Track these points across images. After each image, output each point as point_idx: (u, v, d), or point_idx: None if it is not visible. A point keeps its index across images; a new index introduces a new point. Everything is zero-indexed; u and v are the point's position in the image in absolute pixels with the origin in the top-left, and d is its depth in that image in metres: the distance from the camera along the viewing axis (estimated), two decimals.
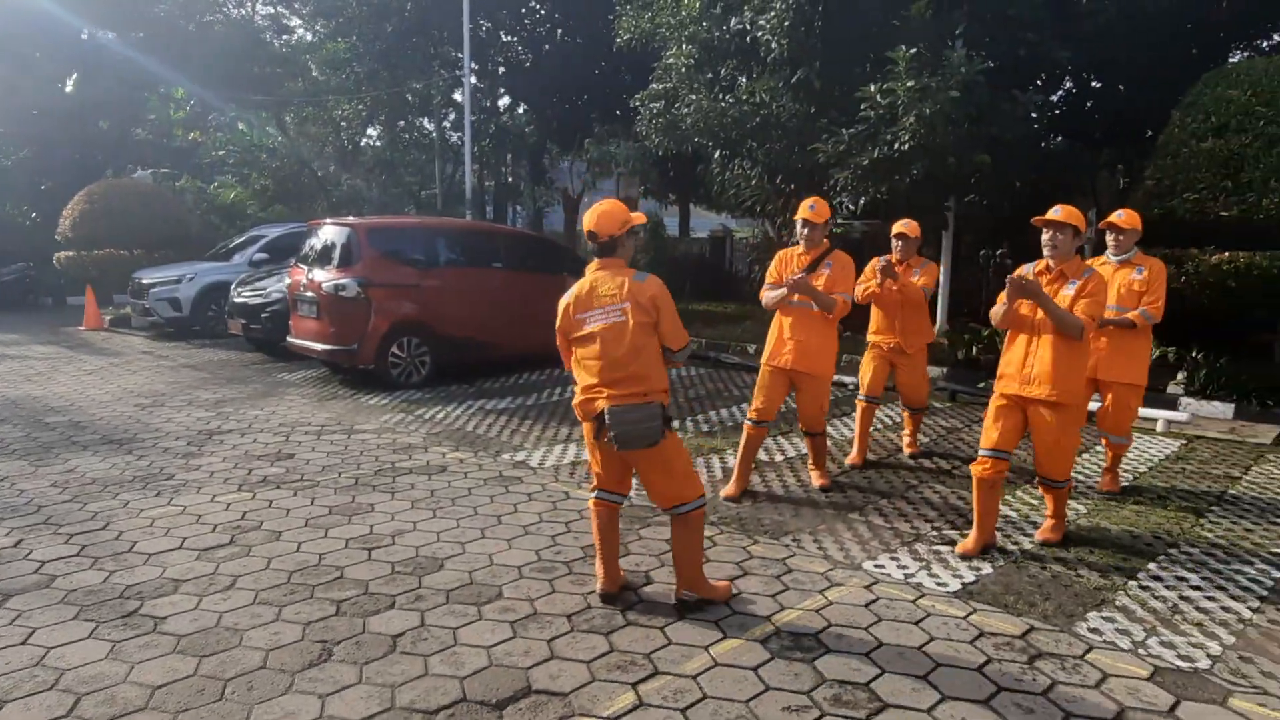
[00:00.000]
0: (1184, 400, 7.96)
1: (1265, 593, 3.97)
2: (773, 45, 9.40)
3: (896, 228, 5.91)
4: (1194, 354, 8.44)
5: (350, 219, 9.69)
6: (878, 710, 2.96)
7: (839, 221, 10.52)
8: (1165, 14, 9.33)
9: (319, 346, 8.88)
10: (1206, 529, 4.83)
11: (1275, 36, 11.80)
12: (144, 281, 12.88)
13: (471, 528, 4.77)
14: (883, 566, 4.25)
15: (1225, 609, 3.79)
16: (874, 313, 6.05)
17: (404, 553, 4.39)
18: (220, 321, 12.28)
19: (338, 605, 3.76)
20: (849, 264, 5.24)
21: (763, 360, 5.38)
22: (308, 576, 4.08)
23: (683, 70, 10.55)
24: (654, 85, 11.19)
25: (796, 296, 5.09)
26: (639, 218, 3.74)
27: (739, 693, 3.06)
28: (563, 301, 3.73)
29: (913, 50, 8.25)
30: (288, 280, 9.65)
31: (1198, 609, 3.79)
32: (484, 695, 3.05)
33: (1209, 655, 3.37)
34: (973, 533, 4.48)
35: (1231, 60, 11.57)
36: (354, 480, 5.66)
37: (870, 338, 6.10)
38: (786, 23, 9.15)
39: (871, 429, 6.37)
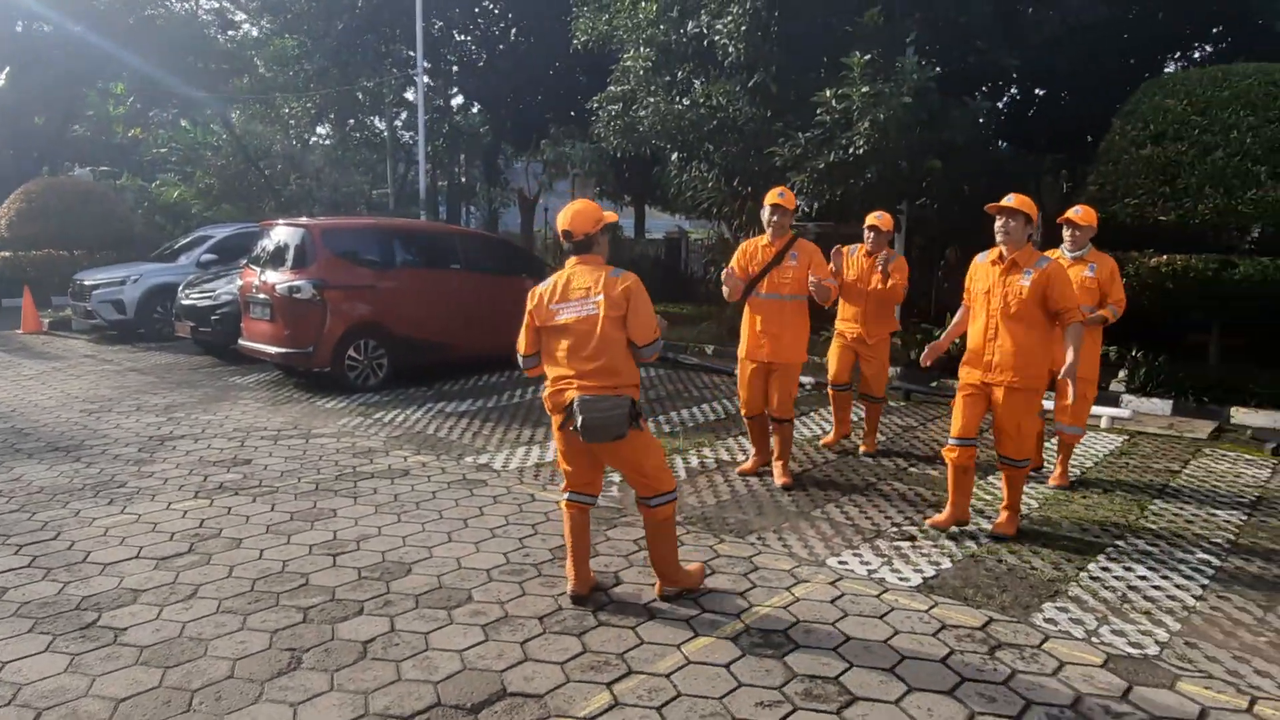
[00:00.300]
0: (1125, 397, 8.26)
1: (1207, 580, 4.16)
2: (730, 49, 9.50)
3: (870, 219, 6.06)
4: (1134, 353, 8.76)
5: (305, 219, 9.54)
6: (848, 703, 3.03)
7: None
8: (1105, 25, 9.66)
9: (273, 349, 8.72)
10: (1151, 520, 5.04)
11: (1205, 48, 12.28)
12: (86, 283, 12.47)
13: (437, 532, 4.74)
14: (846, 563, 4.34)
15: (1171, 597, 3.96)
16: (841, 303, 6.21)
17: (370, 558, 4.35)
18: (167, 324, 11.95)
19: (304, 612, 3.72)
20: (817, 250, 5.40)
21: (740, 357, 5.55)
22: (272, 584, 4.02)
23: (640, 72, 10.60)
24: (612, 87, 11.22)
25: (764, 287, 5.27)
26: (611, 215, 3.80)
27: (713, 690, 3.11)
28: (537, 289, 3.75)
29: (867, 57, 8.42)
30: (239, 282, 9.45)
31: (1145, 598, 3.96)
32: (459, 699, 3.05)
33: (1157, 642, 3.52)
34: (947, 508, 4.79)
35: (1166, 70, 12.04)
36: (314, 485, 5.58)
37: (837, 325, 6.28)
38: (743, 27, 9.25)
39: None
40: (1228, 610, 3.83)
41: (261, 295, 8.77)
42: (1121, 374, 8.66)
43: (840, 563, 4.35)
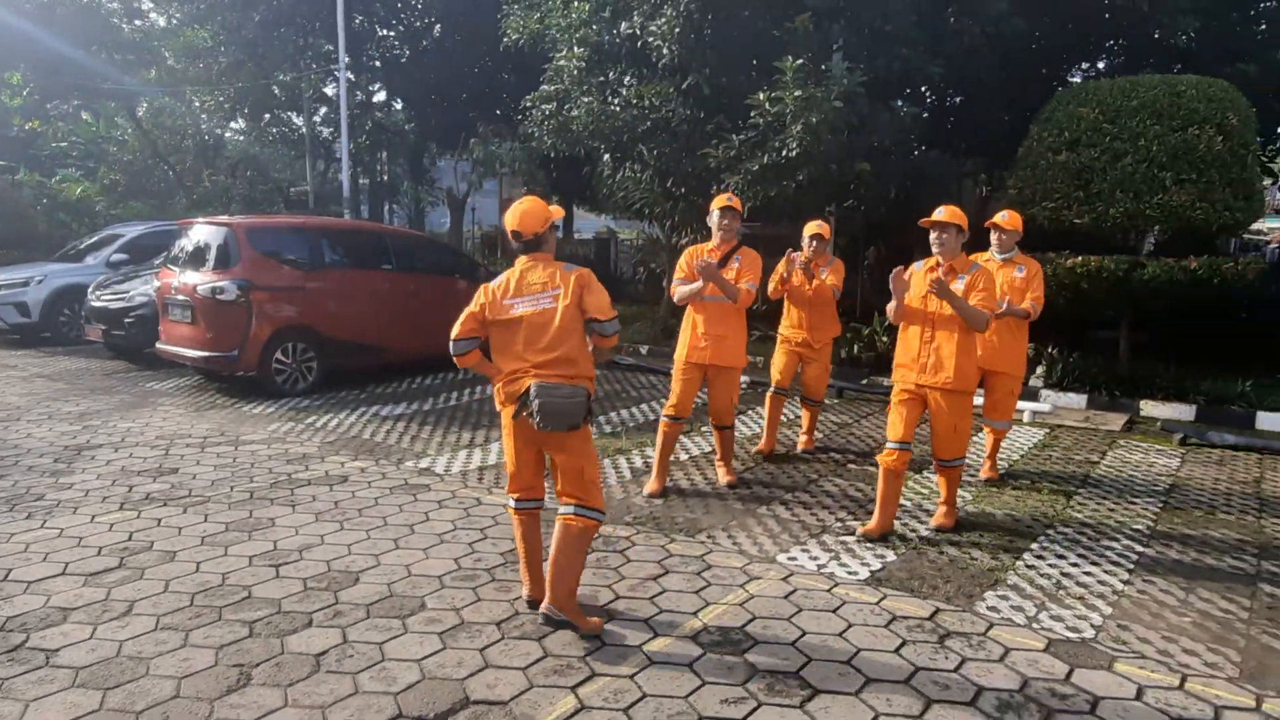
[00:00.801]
0: (1044, 392, 8.65)
1: (1133, 566, 4.39)
2: (664, 51, 9.56)
3: (811, 229, 6.14)
4: (1051, 349, 9.18)
5: (228, 218, 9.18)
6: (810, 696, 3.10)
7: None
8: (1019, 36, 10.08)
9: (194, 353, 8.36)
10: (1076, 510, 5.29)
11: (1107, 60, 12.94)
12: None
13: (383, 539, 4.64)
14: (796, 559, 4.43)
15: (1101, 583, 4.17)
16: (786, 307, 6.30)
17: (314, 568, 4.23)
18: (75, 327, 11.35)
19: (250, 626, 3.59)
20: (756, 258, 5.46)
21: (677, 357, 5.52)
22: (212, 598, 3.86)
23: (574, 72, 10.56)
24: (545, 86, 11.14)
25: (709, 290, 5.26)
26: (558, 212, 3.80)
27: (677, 689, 3.13)
28: (489, 286, 3.69)
29: (799, 61, 8.58)
30: (156, 283, 9.04)
31: (1078, 584, 4.15)
32: (421, 710, 2.99)
33: (1092, 625, 3.70)
34: (876, 516, 4.76)
35: (1074, 80, 12.64)
36: (249, 494, 5.38)
37: (781, 331, 6.36)
38: (677, 29, 9.32)
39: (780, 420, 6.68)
40: (1153, 594, 4.06)
41: (181, 297, 8.40)
42: (1040, 370, 9.06)
43: (790, 559, 4.42)
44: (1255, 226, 12.83)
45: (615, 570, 4.19)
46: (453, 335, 3.74)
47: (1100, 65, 12.97)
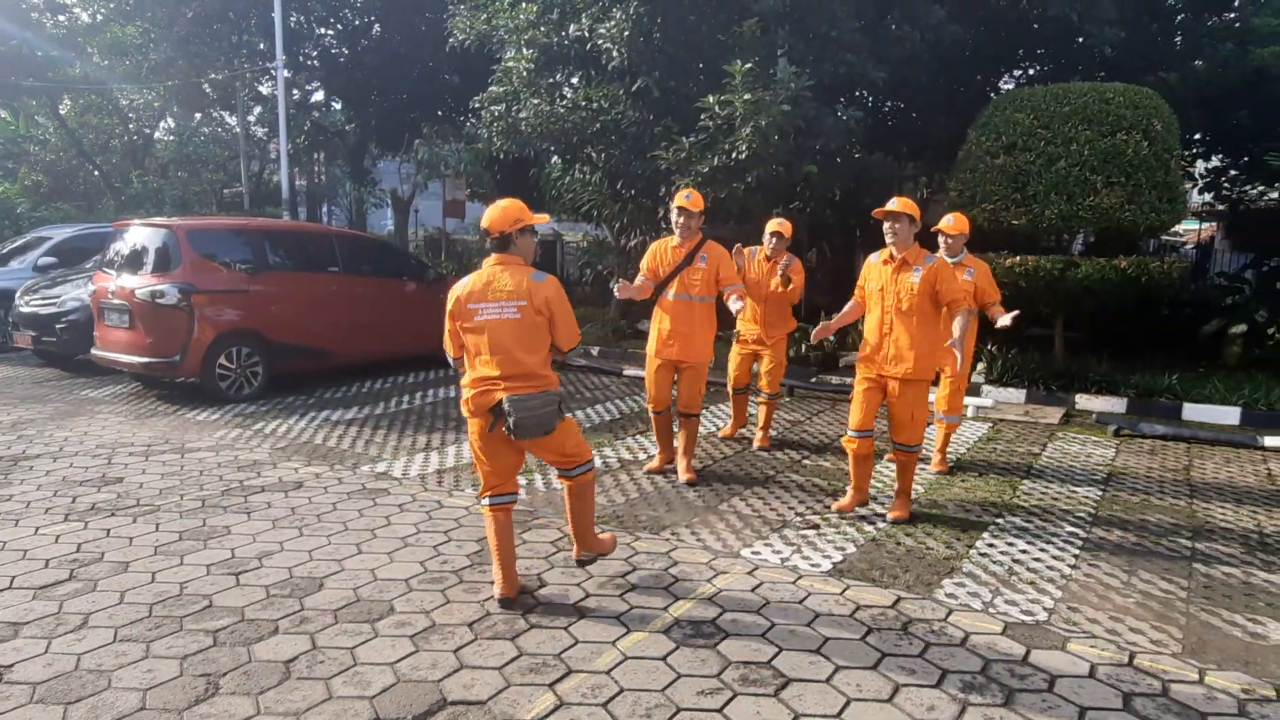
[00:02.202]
0: (986, 388, 8.94)
1: (1078, 550, 4.59)
2: (613, 53, 9.60)
3: (773, 225, 6.27)
4: (991, 347, 9.49)
5: (167, 219, 8.92)
6: (783, 685, 3.17)
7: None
8: (956, 43, 10.40)
9: (133, 359, 8.09)
10: (1023, 499, 5.50)
11: (1037, 67, 13.42)
12: None
13: (345, 544, 4.57)
14: (759, 553, 4.51)
15: (1050, 567, 4.35)
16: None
17: (276, 575, 4.15)
18: (2, 334, 10.87)
19: (213, 635, 3.51)
20: (725, 253, 5.56)
21: (648, 353, 5.65)
22: (171, 608, 3.77)
23: (523, 74, 10.53)
24: (493, 88, 11.08)
25: (674, 289, 5.39)
26: (542, 218, 3.84)
27: (654, 683, 3.17)
28: (456, 289, 3.76)
29: (747, 65, 8.72)
30: (91, 287, 8.72)
31: (1029, 569, 4.33)
32: (398, 712, 2.97)
33: (1045, 609, 3.86)
34: (850, 492, 5.12)
35: (1006, 86, 13.09)
36: (200, 502, 5.24)
37: (737, 327, 6.46)
38: (626, 32, 9.37)
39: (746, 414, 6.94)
40: (1099, 576, 4.25)
41: (118, 301, 8.13)
42: (980, 366, 9.36)
43: (754, 553, 4.51)
44: (1175, 228, 13.50)
45: (584, 569, 4.21)
46: (449, 353, 3.88)
47: (1031, 72, 13.45)
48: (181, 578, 4.09)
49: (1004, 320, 5.53)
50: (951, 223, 5.83)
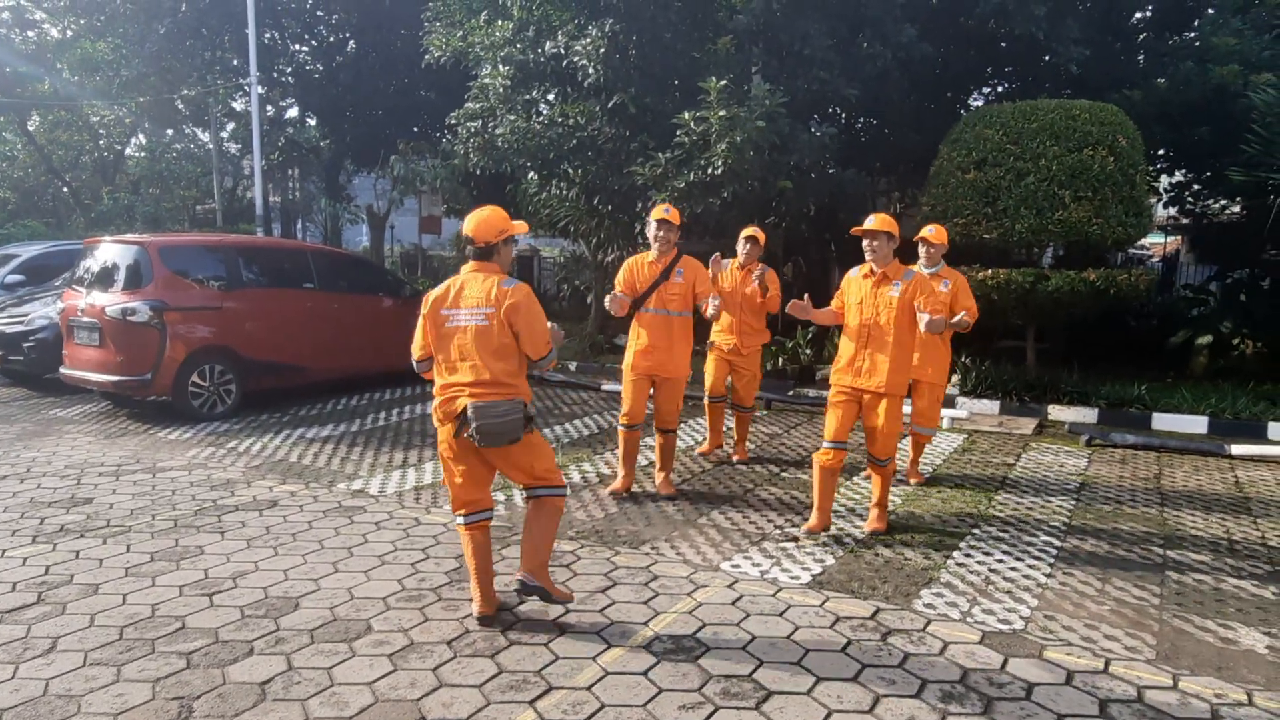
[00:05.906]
0: (960, 399, 9.03)
1: (1053, 560, 4.64)
2: (590, 70, 9.65)
3: (749, 232, 6.31)
4: (964, 359, 9.60)
5: (138, 236, 8.82)
6: (765, 698, 3.17)
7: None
8: (927, 61, 10.57)
9: (103, 378, 7.97)
10: (998, 509, 5.55)
11: (1005, 84, 13.68)
12: None
13: (321, 563, 4.52)
14: (739, 566, 4.52)
15: (1026, 576, 4.39)
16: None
17: (250, 595, 4.09)
18: None
19: (187, 658, 3.45)
20: (702, 266, 5.58)
21: (625, 367, 5.62)
22: (143, 630, 3.70)
23: (500, 90, 10.56)
24: (470, 104, 11.09)
25: (652, 304, 5.40)
26: (521, 227, 3.83)
27: (634, 698, 3.16)
28: (431, 294, 3.75)
29: (722, 82, 8.80)
30: (60, 305, 8.59)
31: (1005, 578, 4.37)
32: None
33: (1021, 617, 3.90)
34: (815, 514, 4.99)
35: (975, 103, 13.31)
36: (172, 522, 5.17)
37: (711, 337, 6.47)
38: (602, 50, 9.43)
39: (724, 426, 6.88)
40: (1074, 585, 4.30)
41: (88, 319, 8.01)
42: (954, 378, 9.45)
43: (733, 566, 4.51)
44: (1141, 242, 13.76)
45: (563, 584, 4.19)
46: (414, 354, 3.84)
47: (1000, 89, 13.69)
48: (153, 599, 4.03)
49: (955, 320, 5.38)
50: (934, 232, 5.90)
